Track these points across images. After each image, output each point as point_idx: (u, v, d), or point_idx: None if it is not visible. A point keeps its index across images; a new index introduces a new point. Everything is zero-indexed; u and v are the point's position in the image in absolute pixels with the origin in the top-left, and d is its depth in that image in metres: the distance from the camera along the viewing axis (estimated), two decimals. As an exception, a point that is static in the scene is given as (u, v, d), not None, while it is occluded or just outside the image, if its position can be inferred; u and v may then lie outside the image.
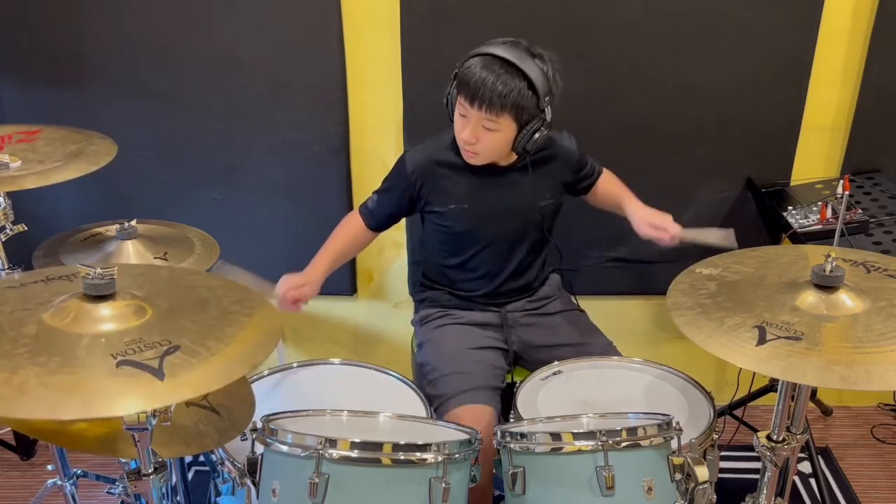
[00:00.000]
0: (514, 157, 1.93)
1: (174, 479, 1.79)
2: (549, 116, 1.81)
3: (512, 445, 1.49)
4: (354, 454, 1.37)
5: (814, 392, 2.66)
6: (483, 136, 1.80)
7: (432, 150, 1.95)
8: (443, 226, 1.97)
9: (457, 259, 2.02)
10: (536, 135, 1.81)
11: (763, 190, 2.37)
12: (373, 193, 2.03)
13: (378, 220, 2.02)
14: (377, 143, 2.44)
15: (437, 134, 1.98)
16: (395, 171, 1.98)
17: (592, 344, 2.01)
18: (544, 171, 1.96)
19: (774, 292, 1.43)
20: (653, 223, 1.93)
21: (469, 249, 2.00)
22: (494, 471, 1.80)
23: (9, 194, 1.86)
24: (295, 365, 1.94)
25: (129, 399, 1.12)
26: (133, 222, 1.97)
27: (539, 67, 1.76)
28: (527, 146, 1.83)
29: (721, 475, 1.65)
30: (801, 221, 2.19)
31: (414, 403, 1.80)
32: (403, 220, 2.16)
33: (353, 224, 2.04)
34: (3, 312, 1.26)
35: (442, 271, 2.07)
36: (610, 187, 2.12)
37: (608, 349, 2.01)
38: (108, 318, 1.25)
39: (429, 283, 2.12)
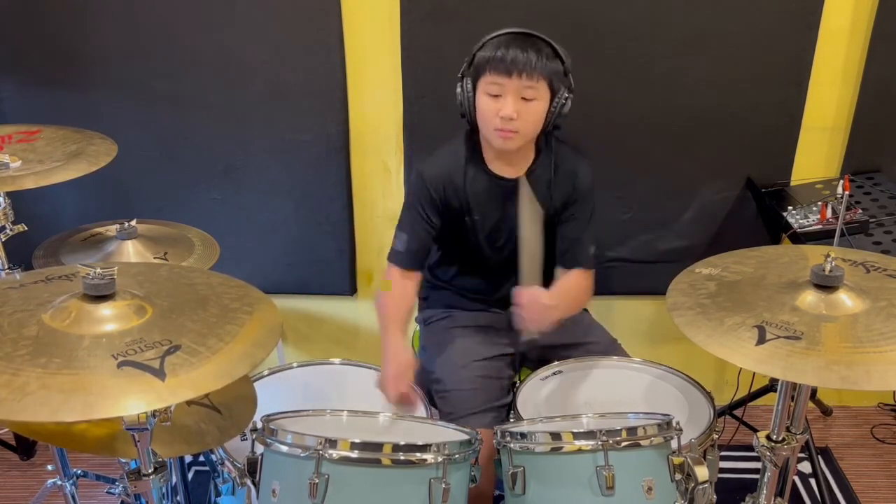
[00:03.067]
0: (527, 163, 1.89)
1: (174, 479, 1.79)
2: (572, 84, 1.81)
3: (512, 445, 1.49)
4: (354, 454, 1.37)
5: (814, 392, 2.66)
6: (522, 110, 1.76)
7: (445, 160, 1.89)
8: (452, 236, 1.95)
9: (462, 266, 2.01)
10: (565, 107, 1.80)
11: (763, 190, 2.37)
12: (395, 237, 1.90)
13: (415, 256, 1.88)
14: (377, 143, 2.44)
15: (444, 145, 1.93)
16: (413, 191, 1.90)
17: (597, 342, 2.01)
18: (556, 179, 1.91)
19: (774, 292, 1.43)
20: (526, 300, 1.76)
21: (476, 259, 1.98)
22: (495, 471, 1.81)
23: (9, 194, 1.86)
24: (295, 365, 1.94)
25: (130, 400, 1.12)
26: (133, 222, 1.97)
27: (551, 39, 1.78)
28: (557, 121, 1.81)
29: (721, 475, 1.65)
30: (801, 221, 2.19)
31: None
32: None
33: (393, 282, 1.88)
34: (3, 314, 1.26)
35: (448, 274, 2.06)
36: (572, 284, 1.92)
37: (612, 347, 2.01)
38: (108, 318, 1.25)
39: (434, 281, 2.11)
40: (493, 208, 1.91)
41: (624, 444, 1.42)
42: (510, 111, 1.74)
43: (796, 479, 2.45)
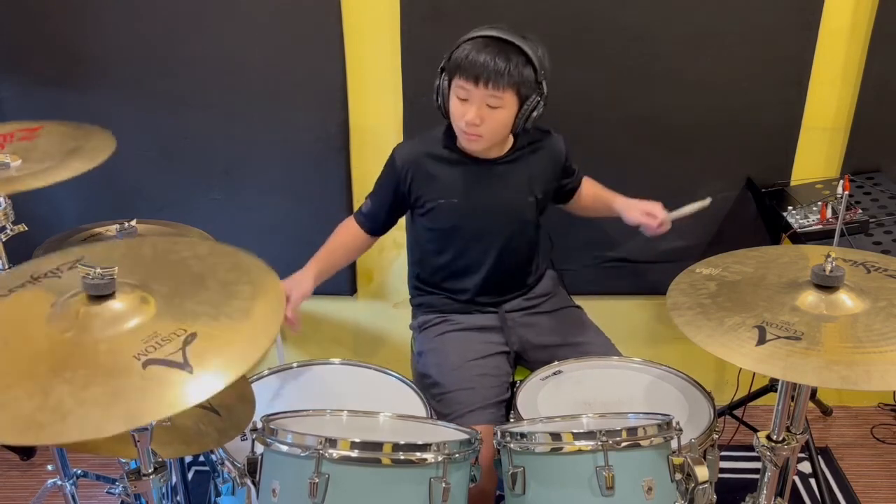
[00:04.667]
0: (505, 149, 1.94)
1: (174, 479, 1.79)
2: (545, 91, 1.83)
3: (512, 445, 1.49)
4: (354, 454, 1.37)
5: (814, 392, 2.66)
6: (487, 116, 1.80)
7: (422, 144, 1.96)
8: (432, 220, 1.98)
9: (446, 256, 2.02)
10: (535, 112, 1.83)
11: (763, 190, 2.37)
12: (366, 198, 2.03)
13: (375, 223, 2.02)
14: (377, 143, 2.44)
15: (427, 130, 1.99)
16: (385, 169, 1.99)
17: (591, 342, 2.01)
18: (534, 164, 1.97)
19: (774, 292, 1.43)
20: (643, 209, 1.96)
21: (457, 244, 2.00)
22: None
23: (9, 194, 1.86)
24: (295, 365, 1.94)
25: (169, 400, 1.10)
26: (133, 222, 1.97)
27: (529, 44, 1.79)
28: (526, 124, 1.84)
29: (721, 475, 1.65)
30: (801, 221, 2.19)
31: (414, 403, 1.80)
32: (403, 220, 2.17)
33: (348, 230, 2.03)
34: (4, 329, 1.22)
35: (434, 272, 2.07)
36: (594, 188, 2.14)
37: (607, 347, 2.01)
38: (115, 318, 1.22)
39: (424, 286, 2.12)
40: (472, 189, 1.94)
41: (624, 444, 1.42)
42: (473, 117, 1.80)
43: (796, 479, 2.45)
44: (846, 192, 1.95)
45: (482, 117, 1.79)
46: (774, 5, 2.23)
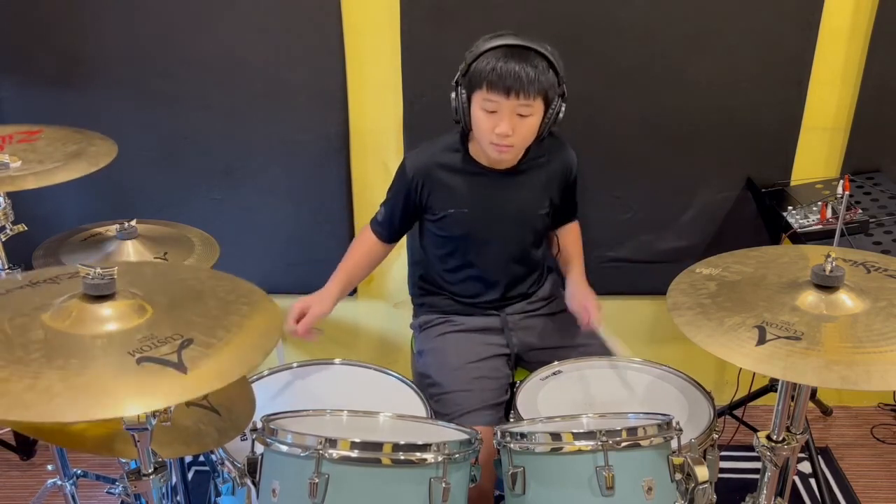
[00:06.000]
0: (517, 159, 1.94)
1: (174, 479, 1.79)
2: (566, 92, 1.83)
3: (512, 445, 1.49)
4: (354, 454, 1.37)
5: (814, 392, 2.66)
6: (518, 126, 1.79)
7: (433, 152, 1.95)
8: (443, 228, 1.97)
9: (454, 263, 2.02)
10: (560, 114, 1.84)
11: (763, 190, 2.37)
12: (380, 206, 2.02)
13: (390, 231, 2.01)
14: (377, 143, 2.44)
15: (434, 137, 1.98)
16: (396, 178, 1.98)
17: (592, 344, 2.01)
18: (546, 175, 1.97)
19: (774, 292, 1.43)
20: (582, 303, 1.96)
21: (467, 254, 2.00)
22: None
23: (9, 194, 1.86)
24: (295, 365, 1.94)
25: (160, 395, 1.11)
26: (133, 222, 1.97)
27: (544, 47, 1.78)
28: (552, 128, 1.85)
29: (721, 475, 1.65)
30: (801, 221, 2.19)
31: (414, 403, 1.80)
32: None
33: (365, 240, 2.04)
34: (2, 319, 1.23)
35: (440, 275, 2.07)
36: (571, 240, 2.13)
37: (606, 349, 2.01)
38: (111, 317, 1.24)
39: (427, 287, 2.12)
40: (483, 199, 1.93)
41: (624, 444, 1.42)
42: (506, 129, 1.77)
43: (796, 479, 2.45)
44: (846, 192, 1.95)
45: (514, 127, 1.78)
46: (774, 5, 2.23)
